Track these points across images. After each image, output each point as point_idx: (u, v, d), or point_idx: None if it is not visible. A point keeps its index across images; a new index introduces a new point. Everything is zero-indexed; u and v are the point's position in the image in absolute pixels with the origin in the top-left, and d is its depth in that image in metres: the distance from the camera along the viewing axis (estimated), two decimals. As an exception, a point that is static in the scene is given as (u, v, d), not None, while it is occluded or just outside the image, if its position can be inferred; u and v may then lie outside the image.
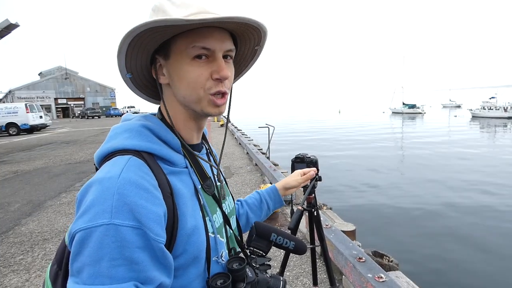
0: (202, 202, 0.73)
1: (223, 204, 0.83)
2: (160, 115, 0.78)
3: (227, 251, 0.79)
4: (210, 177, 0.80)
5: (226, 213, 0.84)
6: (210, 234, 0.72)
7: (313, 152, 1.73)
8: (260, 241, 0.82)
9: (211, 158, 0.90)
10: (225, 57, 0.72)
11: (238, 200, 1.15)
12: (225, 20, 0.65)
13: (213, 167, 0.85)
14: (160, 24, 0.61)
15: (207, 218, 0.73)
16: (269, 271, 0.84)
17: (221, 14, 0.67)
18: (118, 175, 0.60)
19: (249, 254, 0.83)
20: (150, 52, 0.72)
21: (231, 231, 0.84)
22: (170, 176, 0.69)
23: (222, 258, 0.75)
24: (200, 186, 0.75)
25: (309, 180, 1.77)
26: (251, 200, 1.15)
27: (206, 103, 0.71)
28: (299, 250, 0.86)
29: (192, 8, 0.68)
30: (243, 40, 0.79)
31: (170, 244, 0.64)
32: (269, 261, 0.83)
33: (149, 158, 0.67)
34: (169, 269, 0.63)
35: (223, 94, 0.72)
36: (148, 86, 0.82)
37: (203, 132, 0.91)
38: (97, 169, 0.71)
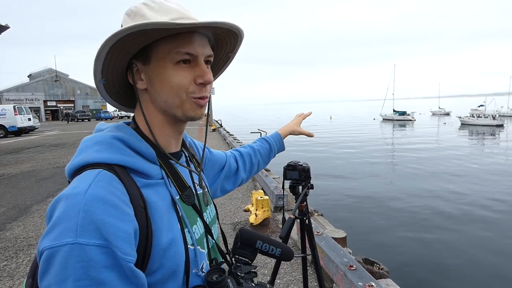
0: (180, 214, 0.71)
1: (204, 213, 0.80)
2: (134, 124, 0.76)
3: (208, 262, 0.77)
4: (189, 186, 0.77)
5: (207, 222, 0.81)
6: (189, 246, 0.70)
7: (305, 159, 1.72)
8: (245, 249, 0.80)
9: (191, 165, 0.86)
10: (205, 62, 0.73)
11: (249, 146, 1.28)
12: (214, 25, 0.66)
13: (193, 174, 0.83)
14: (148, 27, 0.61)
15: (186, 230, 0.70)
16: (256, 279, 0.81)
17: (207, 19, 0.67)
18: (85, 191, 0.58)
19: (234, 262, 0.81)
20: (129, 57, 0.71)
21: (213, 241, 0.81)
22: (144, 189, 0.66)
23: (203, 270, 0.73)
24: (178, 197, 0.72)
25: (301, 188, 1.77)
26: (263, 150, 1.29)
27: (189, 107, 0.72)
28: (285, 257, 0.84)
29: (173, 13, 0.68)
30: (219, 46, 0.81)
31: (144, 260, 0.61)
32: (255, 268, 0.81)
33: (121, 171, 0.64)
34: None
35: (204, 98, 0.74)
36: (120, 93, 0.80)
37: (183, 139, 0.89)
38: (69, 183, 0.69)
